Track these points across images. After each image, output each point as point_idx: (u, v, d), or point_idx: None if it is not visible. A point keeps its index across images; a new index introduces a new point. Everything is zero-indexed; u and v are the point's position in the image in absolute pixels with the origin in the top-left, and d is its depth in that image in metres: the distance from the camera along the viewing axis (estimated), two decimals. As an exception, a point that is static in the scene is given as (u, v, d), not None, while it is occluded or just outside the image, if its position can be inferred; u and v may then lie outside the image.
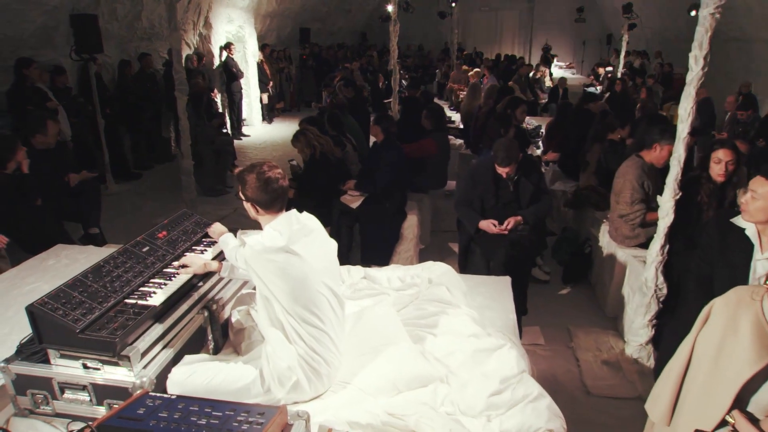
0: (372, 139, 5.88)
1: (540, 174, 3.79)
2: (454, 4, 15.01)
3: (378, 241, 4.44)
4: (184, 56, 9.28)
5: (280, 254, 1.99)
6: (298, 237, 2.05)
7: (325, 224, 4.65)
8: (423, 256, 4.80)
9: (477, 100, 6.68)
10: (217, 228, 2.63)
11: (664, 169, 4.28)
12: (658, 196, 3.22)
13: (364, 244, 4.49)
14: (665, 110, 10.26)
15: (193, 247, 2.50)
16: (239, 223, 5.99)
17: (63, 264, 3.43)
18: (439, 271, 3.08)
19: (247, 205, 2.18)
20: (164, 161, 8.54)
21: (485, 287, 3.18)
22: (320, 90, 14.25)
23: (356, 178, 4.66)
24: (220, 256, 2.51)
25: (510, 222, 3.61)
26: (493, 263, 3.62)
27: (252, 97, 11.30)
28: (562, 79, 11.83)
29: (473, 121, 6.63)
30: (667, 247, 3.28)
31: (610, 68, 13.27)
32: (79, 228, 4.67)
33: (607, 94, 12.57)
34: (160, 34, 8.74)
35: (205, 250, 2.50)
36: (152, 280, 2.17)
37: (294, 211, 2.17)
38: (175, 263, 2.31)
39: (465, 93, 12.63)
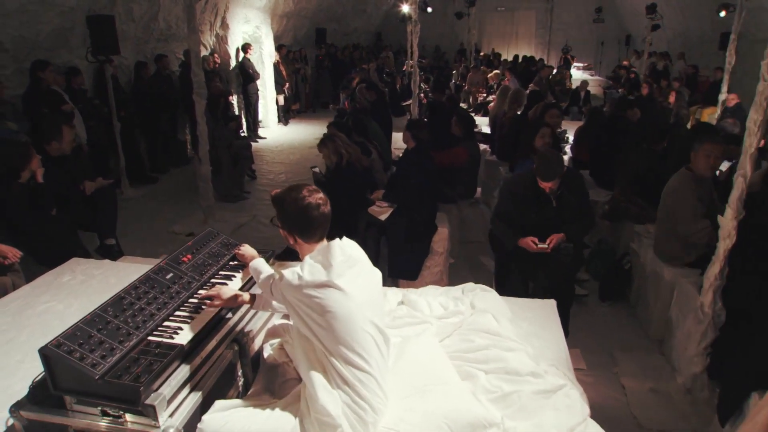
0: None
1: (584, 188, 3.54)
2: (472, 5, 14.76)
3: (406, 254, 4.21)
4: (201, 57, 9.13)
5: (322, 290, 1.78)
6: (343, 270, 1.83)
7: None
8: (453, 271, 4.58)
9: (507, 103, 6.44)
10: (246, 251, 2.42)
11: (721, 184, 4.05)
12: (719, 216, 2.96)
13: (392, 257, 4.27)
14: (691, 113, 9.94)
15: (221, 272, 2.29)
16: (258, 231, 5.82)
17: (78, 281, 3.25)
18: (482, 294, 2.87)
19: (284, 234, 1.97)
20: (180, 164, 8.38)
21: (530, 312, 2.95)
22: (337, 92, 14.12)
23: (384, 187, 4.44)
24: (249, 282, 2.30)
25: (553, 240, 3.37)
26: (534, 284, 3.38)
27: (268, 98, 11.12)
28: (584, 82, 11.51)
29: (498, 126, 6.39)
30: (726, 270, 3.03)
31: (633, 69, 12.91)
32: (94, 237, 4.51)
33: (628, 96, 12.27)
34: (177, 35, 8.58)
35: (233, 276, 2.30)
36: (178, 313, 1.97)
37: (337, 240, 1.95)
38: (203, 292, 2.10)
39: (482, 94, 12.42)
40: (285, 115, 11.99)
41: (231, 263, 2.39)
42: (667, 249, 3.74)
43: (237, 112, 9.68)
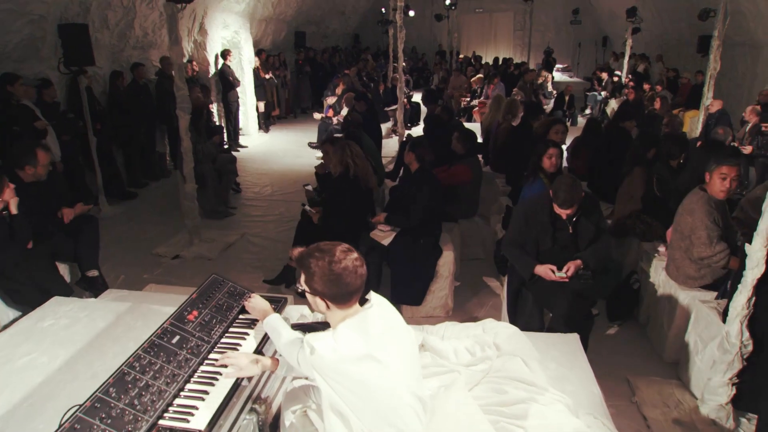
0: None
1: (600, 213, 3.40)
2: (453, 7, 14.65)
3: (411, 279, 4.03)
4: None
5: (360, 363, 1.58)
6: (382, 339, 1.63)
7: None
8: (457, 294, 4.40)
9: (500, 113, 6.29)
10: (257, 304, 2.19)
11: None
12: (747, 245, 2.84)
13: (396, 282, 4.07)
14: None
15: (231, 329, 2.06)
16: (248, 251, 5.55)
17: (62, 325, 2.95)
18: (505, 333, 2.70)
19: (314, 299, 1.75)
20: (159, 177, 8.04)
21: (555, 350, 2.80)
22: (319, 98, 13.83)
23: (384, 209, 4.24)
24: (265, 339, 2.08)
25: (570, 268, 3.21)
26: (553, 315, 3.22)
27: (248, 105, 10.79)
28: (568, 87, 11.48)
29: (493, 137, 6.25)
30: (753, 299, 2.91)
31: (617, 73, 12.96)
32: (75, 268, 4.19)
33: (611, 99, 12.31)
34: (154, 42, 8.22)
35: (246, 335, 2.07)
36: (190, 387, 1.73)
37: (372, 303, 1.74)
38: (214, 357, 1.87)
39: (465, 98, 12.30)
40: (265, 122, 11.68)
41: (241, 317, 2.16)
42: (682, 271, 3.63)
43: (217, 122, 9.35)
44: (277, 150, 10.02)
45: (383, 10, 20.28)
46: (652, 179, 4.47)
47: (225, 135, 9.37)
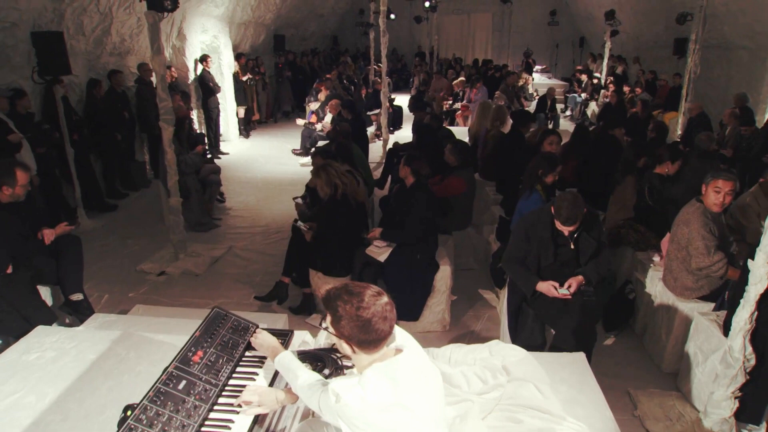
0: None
1: (601, 228, 3.38)
2: (434, 10, 14.63)
3: (408, 295, 3.96)
4: (156, 71, 8.55)
5: (388, 412, 1.50)
6: (411, 386, 1.55)
7: (344, 274, 4.15)
8: (454, 308, 4.34)
9: (487, 120, 6.26)
10: (264, 340, 2.09)
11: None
12: (750, 260, 2.85)
13: (392, 298, 3.98)
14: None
15: (239, 368, 1.96)
16: (236, 265, 5.40)
17: (49, 359, 2.79)
18: (513, 356, 2.66)
19: (339, 341, 1.67)
20: (139, 187, 7.82)
21: (564, 371, 2.76)
22: (299, 102, 13.67)
23: (380, 224, 4.16)
24: (275, 377, 1.98)
25: (572, 284, 3.18)
26: (556, 334, 3.19)
27: (228, 111, 10.59)
28: (551, 89, 11.56)
29: (481, 145, 6.22)
30: (756, 314, 2.92)
31: (596, 75, 13.10)
32: (57, 292, 4.00)
33: (591, 101, 12.43)
34: (132, 48, 8.00)
35: (255, 374, 1.97)
36: (201, 437, 1.63)
37: (401, 345, 1.66)
38: (224, 401, 1.77)
39: (447, 101, 12.28)
40: (246, 127, 11.49)
41: (247, 354, 2.06)
42: (680, 282, 3.64)
43: (197, 128, 9.14)
44: (259, 157, 9.85)
45: (362, 10, 20.28)
46: (644, 188, 4.48)
47: (206, 143, 9.18)
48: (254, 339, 2.12)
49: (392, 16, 12.45)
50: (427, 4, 14.58)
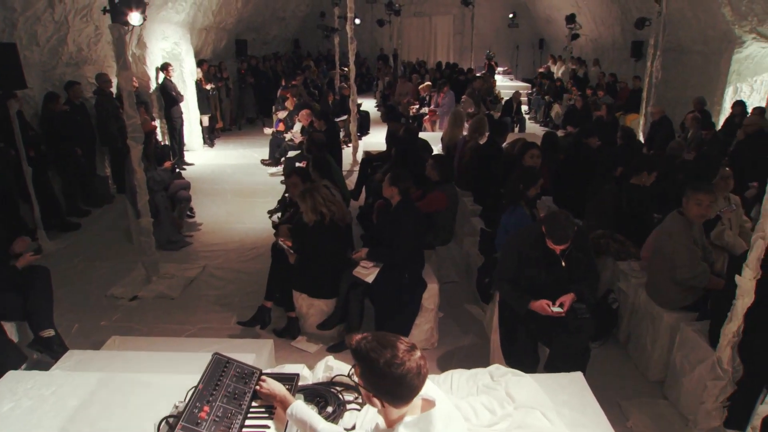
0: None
1: (588, 244, 3.41)
2: (397, 14, 14.62)
3: (396, 315, 3.90)
4: (115, 82, 8.22)
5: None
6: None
7: (330, 295, 4.06)
8: (442, 325, 4.31)
9: (460, 129, 6.27)
10: (273, 389, 1.99)
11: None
12: (737, 276, 2.92)
13: (380, 318, 3.94)
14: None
15: (248, 421, 1.86)
16: (213, 286, 5.21)
17: (26, 409, 2.61)
18: (515, 382, 2.65)
19: (367, 395, 1.59)
20: (102, 203, 7.48)
21: (564, 393, 2.76)
22: (262, 107, 13.41)
23: (365, 244, 4.08)
24: (287, 427, 1.89)
25: (565, 302, 3.19)
26: (551, 353, 3.19)
27: (192, 120, 10.28)
28: (517, 93, 11.71)
29: (458, 156, 6.21)
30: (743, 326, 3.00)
31: (559, 78, 13.36)
32: (24, 327, 3.75)
33: (555, 104, 12.67)
34: (90, 58, 7.65)
35: (267, 427, 1.87)
36: None
37: (437, 405, 1.60)
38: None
39: (414, 106, 12.28)
40: (210, 135, 11.19)
41: (254, 404, 1.96)
42: (664, 293, 3.71)
43: (161, 139, 8.83)
44: (226, 167, 9.59)
45: (323, 13, 20.10)
46: (622, 197, 4.56)
47: (173, 158, 8.88)
48: (262, 389, 2.02)
49: (357, 21, 12.36)
50: (391, 7, 14.54)
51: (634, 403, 3.62)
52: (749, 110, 7.90)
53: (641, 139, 8.87)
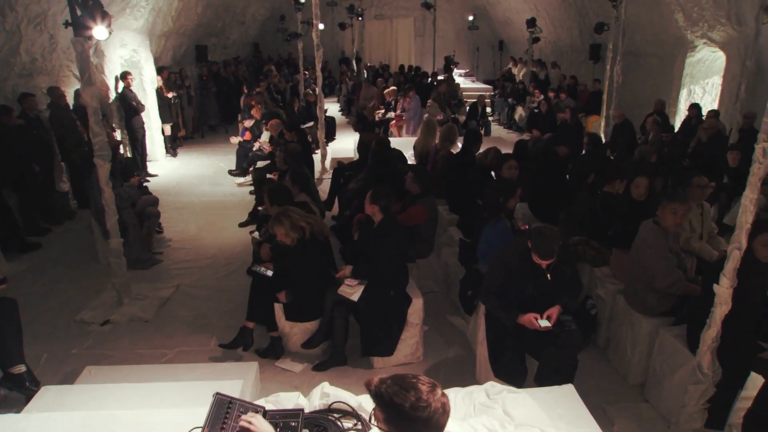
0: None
1: (572, 257, 3.48)
2: (360, 17, 14.60)
3: (381, 331, 3.88)
4: (72, 92, 7.90)
5: None
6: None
7: (315, 316, 4.00)
8: (427, 338, 4.30)
9: (433, 138, 6.29)
10: (259, 428, 1.88)
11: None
12: (715, 285, 3.03)
13: (366, 335, 3.92)
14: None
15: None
16: (188, 306, 5.06)
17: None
18: (512, 399, 2.68)
19: (384, 429, 1.56)
20: (63, 220, 7.16)
21: (558, 406, 2.80)
22: (225, 114, 13.16)
23: (344, 257, 4.05)
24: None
25: (552, 314, 3.25)
26: (541, 366, 3.24)
27: (153, 129, 9.98)
28: (481, 97, 11.87)
29: (431, 165, 6.24)
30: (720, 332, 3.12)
31: (522, 81, 13.61)
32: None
33: (518, 106, 12.90)
34: (44, 68, 7.32)
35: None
36: None
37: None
38: None
39: (379, 111, 12.28)
40: (172, 144, 10.89)
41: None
42: (643, 301, 3.82)
43: (123, 152, 8.53)
44: (191, 177, 9.34)
45: (283, 16, 19.88)
46: (596, 205, 4.67)
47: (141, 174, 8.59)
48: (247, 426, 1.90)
49: (321, 27, 12.27)
50: (352, 10, 14.51)
51: (617, 407, 3.71)
52: (704, 112, 8.24)
53: (603, 140, 9.12)
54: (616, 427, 3.55)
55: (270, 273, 3.88)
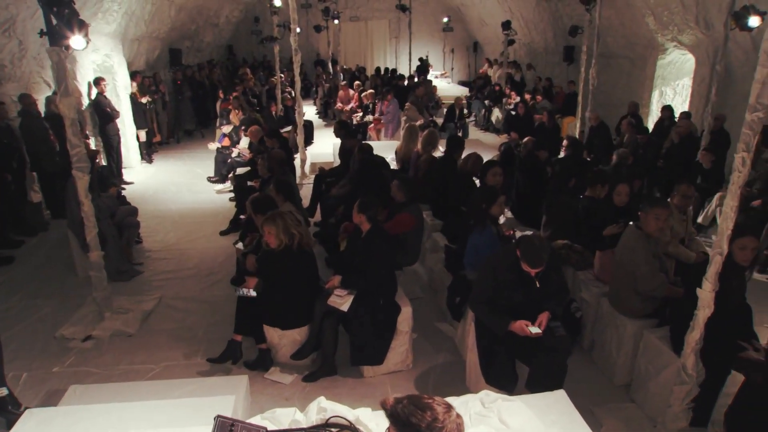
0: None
1: (558, 263, 3.54)
2: (336, 20, 14.56)
3: (371, 341, 3.89)
4: (43, 99, 7.70)
5: None
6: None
7: (302, 323, 3.99)
8: (415, 344, 4.32)
9: (415, 143, 6.32)
10: None
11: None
12: (698, 289, 3.12)
13: (356, 345, 3.91)
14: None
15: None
16: (172, 318, 4.99)
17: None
18: (507, 407, 2.71)
19: None
20: (36, 232, 6.96)
21: (551, 412, 2.85)
22: (201, 119, 12.99)
23: (329, 266, 4.04)
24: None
25: (542, 321, 3.30)
26: (531, 373, 3.29)
27: (128, 135, 9.78)
28: (458, 99, 11.96)
29: (412, 170, 6.26)
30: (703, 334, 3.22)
31: (498, 83, 13.76)
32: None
33: (495, 108, 13.04)
34: (13, 75, 7.12)
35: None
36: None
37: None
38: None
39: (357, 114, 12.28)
40: (147, 151, 10.69)
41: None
42: (627, 304, 3.91)
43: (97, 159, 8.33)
44: (168, 185, 9.19)
45: (257, 18, 19.69)
46: (579, 209, 4.76)
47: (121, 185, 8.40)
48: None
49: (298, 30, 12.21)
50: (327, 12, 14.44)
51: (605, 409, 3.79)
52: (677, 114, 8.46)
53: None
54: (603, 429, 3.62)
55: (253, 293, 3.84)
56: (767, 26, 5.97)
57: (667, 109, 8.63)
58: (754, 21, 5.71)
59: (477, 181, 5.57)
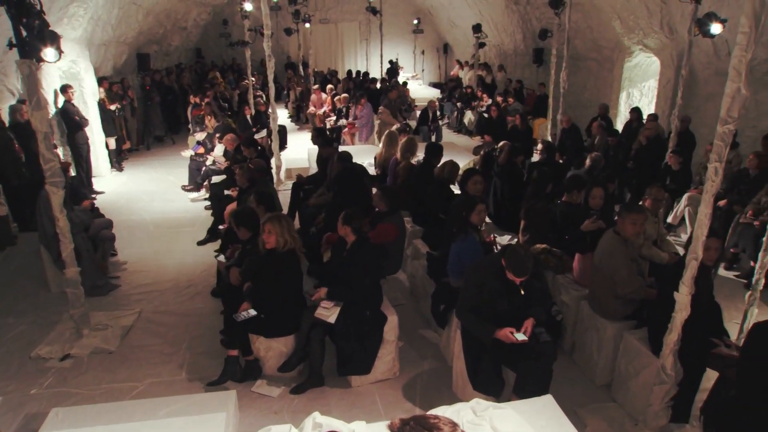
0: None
1: (541, 270, 3.62)
2: (308, 25, 14.50)
3: (358, 351, 3.91)
4: (7, 108, 7.46)
5: None
6: None
7: (287, 332, 3.99)
8: (402, 353, 4.36)
9: (395, 149, 6.35)
10: None
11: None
12: (676, 293, 3.24)
13: (343, 356, 3.92)
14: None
15: None
16: (153, 332, 4.91)
17: None
18: (499, 414, 2.78)
19: None
20: (4, 246, 6.74)
21: (540, 417, 2.93)
22: (173, 124, 12.76)
23: (311, 275, 4.05)
24: None
25: (527, 327, 3.38)
26: (518, 379, 3.36)
27: (97, 143, 9.54)
28: (431, 102, 12.05)
29: (392, 176, 6.30)
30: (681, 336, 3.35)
31: (470, 86, 13.91)
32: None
33: (467, 110, 13.17)
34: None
35: None
36: None
37: None
38: None
39: (330, 118, 12.25)
40: (117, 158, 10.46)
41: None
42: (606, 307, 4.03)
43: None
44: (140, 193, 8.99)
45: (226, 21, 19.45)
46: (557, 214, 4.87)
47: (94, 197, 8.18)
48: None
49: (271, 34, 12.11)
50: (298, 15, 14.36)
51: (588, 409, 3.90)
52: (644, 116, 8.71)
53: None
54: (588, 429, 3.72)
55: (253, 312, 3.84)
56: (730, 36, 6.23)
57: (635, 111, 8.89)
58: (716, 28, 5.94)
59: (454, 188, 5.65)
